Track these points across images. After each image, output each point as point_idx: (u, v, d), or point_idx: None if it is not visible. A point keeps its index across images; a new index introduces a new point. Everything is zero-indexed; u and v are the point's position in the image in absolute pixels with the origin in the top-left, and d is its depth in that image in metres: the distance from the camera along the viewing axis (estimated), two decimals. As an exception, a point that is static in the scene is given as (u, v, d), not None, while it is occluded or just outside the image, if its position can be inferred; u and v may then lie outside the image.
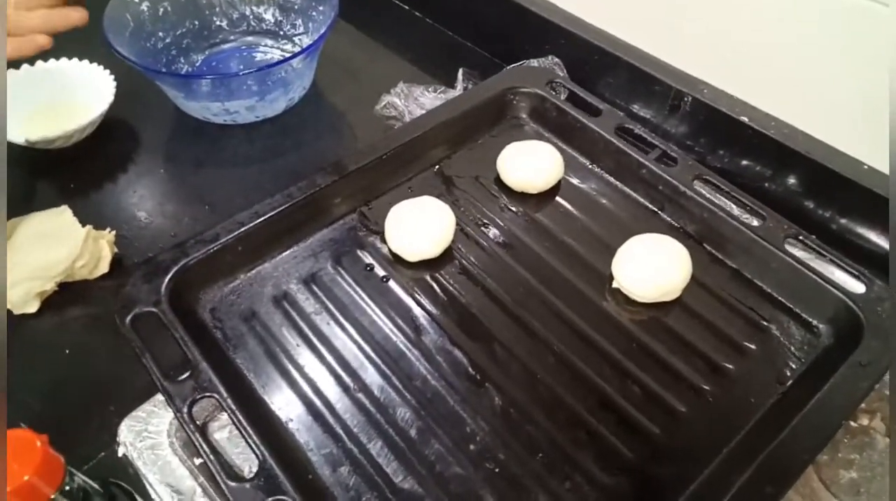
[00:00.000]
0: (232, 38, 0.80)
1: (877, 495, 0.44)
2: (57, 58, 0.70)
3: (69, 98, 0.70)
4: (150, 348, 0.44)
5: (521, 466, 0.43)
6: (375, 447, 0.43)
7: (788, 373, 0.48)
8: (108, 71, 0.70)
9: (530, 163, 0.57)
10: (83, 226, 0.57)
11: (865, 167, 0.57)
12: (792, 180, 0.62)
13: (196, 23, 0.78)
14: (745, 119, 0.61)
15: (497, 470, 0.43)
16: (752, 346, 0.49)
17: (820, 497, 0.45)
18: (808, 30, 0.56)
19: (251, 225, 0.51)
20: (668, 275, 0.50)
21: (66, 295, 0.56)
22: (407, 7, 0.88)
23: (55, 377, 0.53)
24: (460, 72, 0.71)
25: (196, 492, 0.45)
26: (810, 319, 0.50)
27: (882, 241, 0.57)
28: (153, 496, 0.46)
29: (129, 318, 0.45)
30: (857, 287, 0.49)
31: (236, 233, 0.51)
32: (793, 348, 0.49)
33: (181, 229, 0.63)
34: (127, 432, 0.47)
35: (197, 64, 0.77)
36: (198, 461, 0.47)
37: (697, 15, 0.62)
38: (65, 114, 0.68)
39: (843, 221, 0.60)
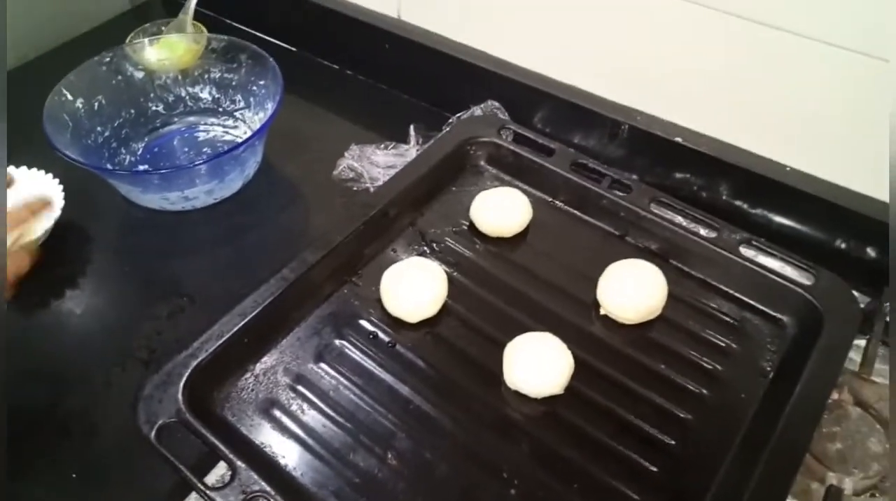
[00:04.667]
0: (170, 121, 0.79)
1: (861, 460, 0.50)
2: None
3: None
4: (180, 459, 0.44)
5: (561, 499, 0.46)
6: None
7: (768, 367, 0.53)
8: (51, 175, 0.68)
9: (502, 210, 0.61)
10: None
11: (788, 169, 0.65)
12: (723, 188, 0.69)
13: (132, 111, 0.76)
14: (679, 139, 0.68)
15: (541, 509, 0.45)
16: (734, 345, 0.55)
17: (815, 471, 0.50)
18: (716, 52, 0.63)
19: (252, 314, 0.52)
20: (650, 295, 0.55)
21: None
22: (343, 69, 0.89)
23: None
24: (411, 128, 0.74)
25: None
26: (775, 313, 0.57)
27: (813, 231, 0.65)
28: None
29: (153, 434, 0.45)
30: (807, 278, 0.56)
31: (240, 325, 0.51)
32: (766, 343, 0.55)
33: (165, 326, 0.62)
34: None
35: (139, 152, 0.76)
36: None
37: (622, 49, 0.68)
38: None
39: (775, 218, 0.67)
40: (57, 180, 0.68)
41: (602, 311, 0.56)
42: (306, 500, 0.45)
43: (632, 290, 0.55)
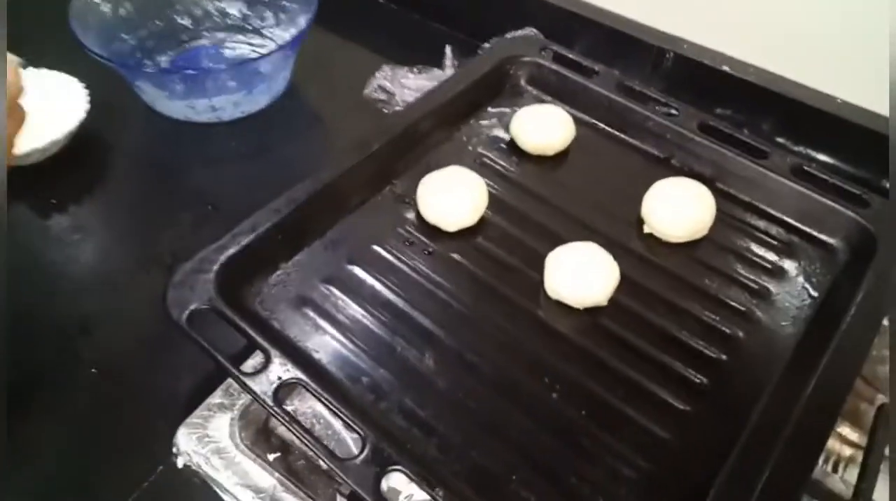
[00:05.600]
0: (197, 36, 0.77)
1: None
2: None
3: (41, 110, 0.64)
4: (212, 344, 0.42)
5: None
6: (445, 408, 0.43)
7: (817, 290, 0.51)
8: (76, 79, 0.66)
9: (544, 126, 0.59)
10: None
11: (839, 101, 0.63)
12: (767, 123, 0.67)
13: (158, 23, 0.74)
14: (726, 68, 0.65)
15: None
16: (782, 267, 0.53)
17: (864, 392, 0.49)
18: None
19: (286, 212, 0.50)
20: (697, 213, 0.53)
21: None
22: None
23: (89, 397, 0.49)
24: (448, 49, 0.72)
25: (276, 488, 0.43)
26: (825, 237, 0.54)
27: (859, 171, 0.63)
28: (228, 500, 0.44)
29: (184, 318, 0.43)
30: (859, 204, 0.54)
31: (274, 221, 0.49)
32: (816, 266, 0.53)
33: (188, 233, 0.60)
34: (186, 440, 0.45)
35: (164, 66, 0.74)
36: (272, 456, 0.45)
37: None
38: (37, 127, 0.63)
39: (819, 156, 0.65)
40: (82, 84, 0.65)
41: (646, 229, 0.54)
42: (342, 392, 0.43)
43: (678, 207, 0.53)
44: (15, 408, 0.48)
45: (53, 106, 0.64)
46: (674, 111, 0.60)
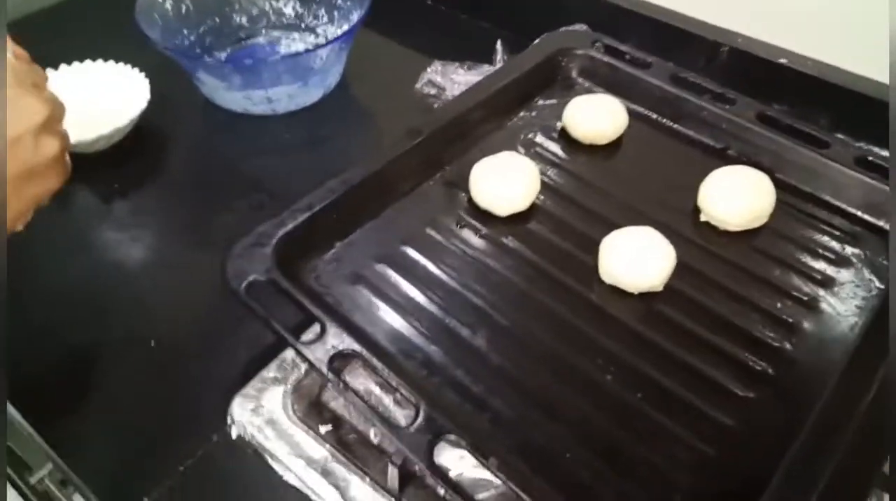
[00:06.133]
0: (253, 34, 0.79)
1: None
2: (82, 60, 0.68)
3: (104, 100, 0.67)
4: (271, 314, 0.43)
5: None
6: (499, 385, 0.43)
7: (883, 282, 0.50)
8: (137, 69, 0.68)
9: (598, 114, 0.59)
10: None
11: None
12: (825, 118, 0.65)
13: (217, 20, 0.77)
14: (784, 61, 0.64)
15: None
16: (846, 257, 0.51)
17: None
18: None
19: (342, 192, 0.51)
20: (756, 200, 0.52)
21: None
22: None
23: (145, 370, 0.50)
24: (498, 43, 0.72)
25: (328, 459, 0.44)
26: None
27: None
28: (280, 471, 0.44)
29: (242, 288, 0.44)
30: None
31: (329, 200, 0.50)
32: (882, 257, 0.51)
33: (244, 219, 0.61)
34: (240, 411, 0.46)
35: (222, 61, 0.76)
36: (323, 428, 0.45)
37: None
38: (101, 117, 0.65)
39: (881, 152, 0.63)
40: (143, 74, 0.68)
41: (703, 218, 0.53)
42: (396, 365, 0.43)
43: (736, 194, 0.52)
44: (75, 379, 0.50)
45: (118, 96, 0.67)
46: (730, 101, 0.59)
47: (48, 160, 0.37)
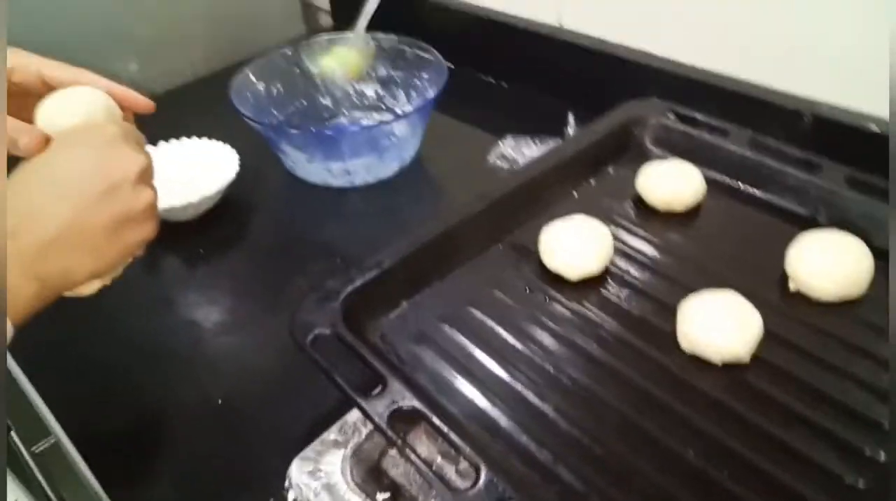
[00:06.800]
0: (337, 114, 0.84)
1: None
2: (179, 137, 0.74)
3: (196, 172, 0.72)
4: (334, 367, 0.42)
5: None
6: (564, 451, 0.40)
7: None
8: (228, 146, 0.73)
9: (675, 179, 0.57)
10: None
11: None
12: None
13: (304, 102, 0.82)
14: (872, 126, 0.61)
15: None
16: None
17: None
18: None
19: (410, 251, 0.51)
20: (853, 267, 0.48)
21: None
22: (498, 81, 0.91)
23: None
24: (570, 115, 0.73)
25: (384, 526, 0.41)
26: None
27: None
28: (336, 537, 0.42)
29: (308, 340, 0.44)
30: None
31: (398, 259, 0.50)
32: None
33: (316, 282, 0.62)
34: (298, 473, 0.44)
35: (305, 132, 0.81)
36: (381, 496, 0.43)
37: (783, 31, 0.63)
38: (192, 188, 0.70)
39: None
40: (234, 149, 0.72)
41: (792, 287, 0.50)
42: (458, 427, 0.40)
43: (832, 259, 0.48)
44: (144, 434, 0.51)
45: (209, 169, 0.71)
46: (815, 166, 0.56)
47: (144, 207, 0.40)
